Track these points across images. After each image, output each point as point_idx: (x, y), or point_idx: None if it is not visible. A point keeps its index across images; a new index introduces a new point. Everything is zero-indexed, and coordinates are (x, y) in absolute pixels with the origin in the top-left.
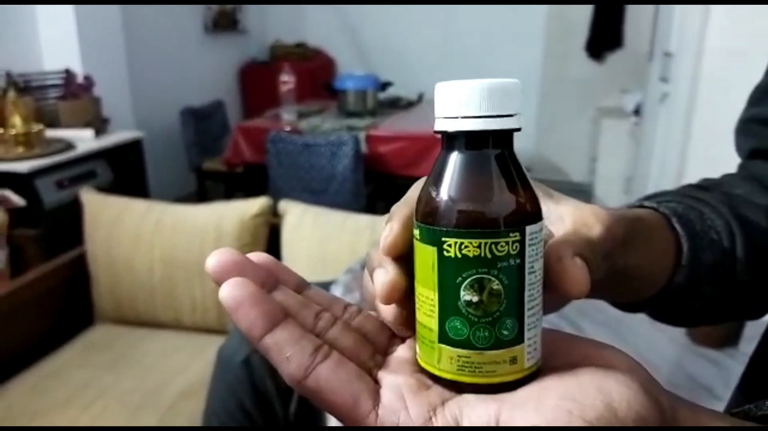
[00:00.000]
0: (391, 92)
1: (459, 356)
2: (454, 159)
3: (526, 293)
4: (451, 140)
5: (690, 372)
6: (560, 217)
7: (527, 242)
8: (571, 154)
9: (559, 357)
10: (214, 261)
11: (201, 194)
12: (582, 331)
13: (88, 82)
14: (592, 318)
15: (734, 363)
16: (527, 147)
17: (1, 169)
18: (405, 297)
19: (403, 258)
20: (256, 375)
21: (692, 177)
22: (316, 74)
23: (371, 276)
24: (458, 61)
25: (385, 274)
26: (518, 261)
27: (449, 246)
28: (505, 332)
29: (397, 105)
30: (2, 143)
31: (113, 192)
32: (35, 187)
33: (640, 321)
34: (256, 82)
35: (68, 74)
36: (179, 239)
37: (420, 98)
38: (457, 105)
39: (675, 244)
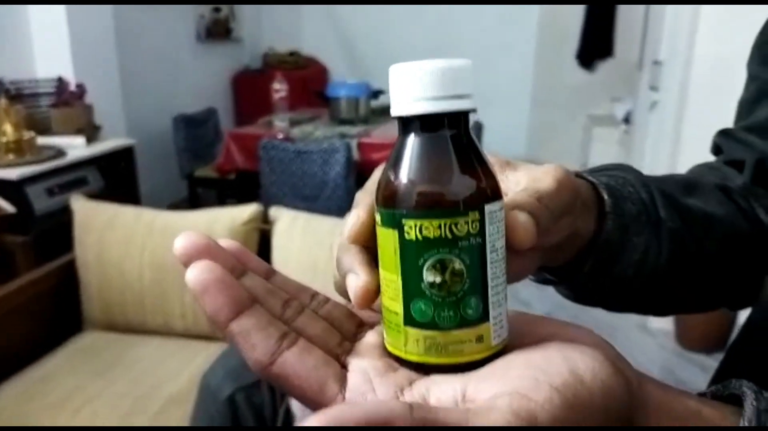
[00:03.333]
0: (383, 100)
1: (425, 337)
2: (411, 142)
3: (489, 271)
4: (407, 124)
5: (680, 376)
6: (517, 182)
7: (487, 221)
8: (562, 160)
9: (527, 336)
10: (181, 242)
11: (193, 201)
12: None
13: (80, 90)
14: (584, 323)
15: None
16: (519, 153)
17: None
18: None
19: (372, 252)
20: (240, 414)
21: None
22: (309, 82)
23: (343, 280)
24: None
25: (357, 279)
26: (479, 240)
27: (410, 228)
28: (470, 311)
29: (389, 112)
30: None
31: (104, 199)
32: (26, 193)
33: (632, 327)
34: (249, 89)
35: (60, 82)
36: (169, 245)
37: None
38: (411, 87)
39: (596, 197)
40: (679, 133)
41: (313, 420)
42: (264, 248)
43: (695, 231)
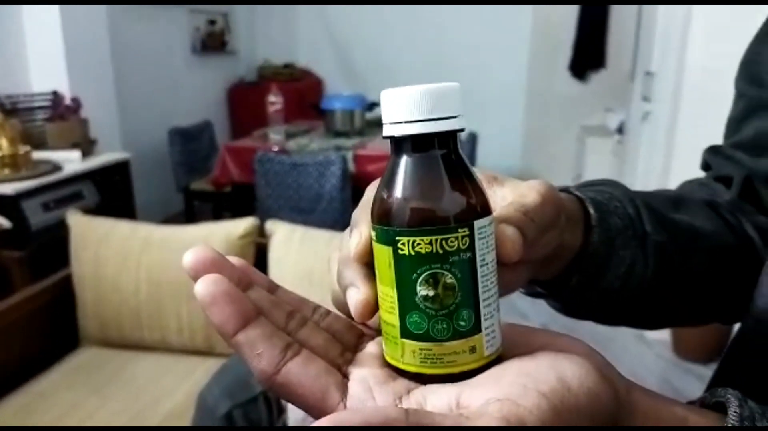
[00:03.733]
0: (378, 112)
1: (421, 349)
2: (403, 162)
3: (480, 285)
4: (399, 144)
5: (677, 386)
6: (503, 197)
7: (477, 236)
8: (556, 170)
9: (521, 346)
10: (191, 257)
11: (188, 214)
12: None
13: (76, 104)
14: (581, 336)
15: None
16: (513, 163)
17: None
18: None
19: (371, 267)
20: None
21: None
22: (304, 94)
23: (344, 294)
24: (446, 80)
25: (357, 293)
26: (469, 254)
27: (403, 244)
28: (462, 323)
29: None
30: None
31: (100, 213)
32: (21, 208)
33: (629, 337)
34: (244, 102)
35: (56, 96)
36: (166, 260)
37: None
38: (402, 110)
39: (582, 211)
40: (671, 143)
41: (316, 425)
42: (261, 261)
43: (682, 245)
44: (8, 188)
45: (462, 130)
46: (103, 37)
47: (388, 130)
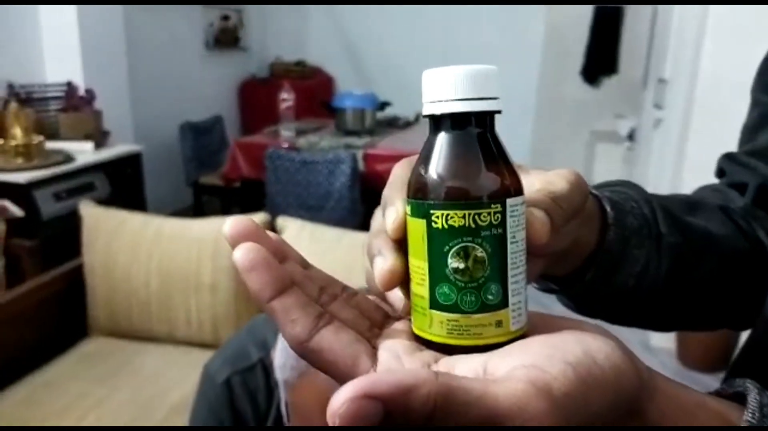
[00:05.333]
0: (389, 112)
1: (448, 320)
2: (441, 139)
3: (509, 261)
4: (438, 122)
5: None
6: (531, 184)
7: (508, 213)
8: None
9: (546, 329)
10: (230, 224)
11: (197, 208)
12: None
13: (90, 95)
14: None
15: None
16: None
17: (0, 179)
18: (407, 284)
19: (403, 244)
20: (236, 397)
21: None
22: (315, 92)
23: (371, 263)
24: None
25: (384, 261)
26: (500, 230)
27: (437, 218)
28: (490, 297)
29: (394, 124)
30: (2, 154)
31: (110, 204)
32: (33, 198)
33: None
34: (255, 98)
35: (69, 87)
36: (176, 252)
37: (417, 118)
38: (442, 89)
39: (599, 210)
40: (683, 151)
41: (349, 387)
42: None
43: (696, 248)
44: (21, 177)
45: (499, 111)
46: (118, 30)
47: (428, 109)
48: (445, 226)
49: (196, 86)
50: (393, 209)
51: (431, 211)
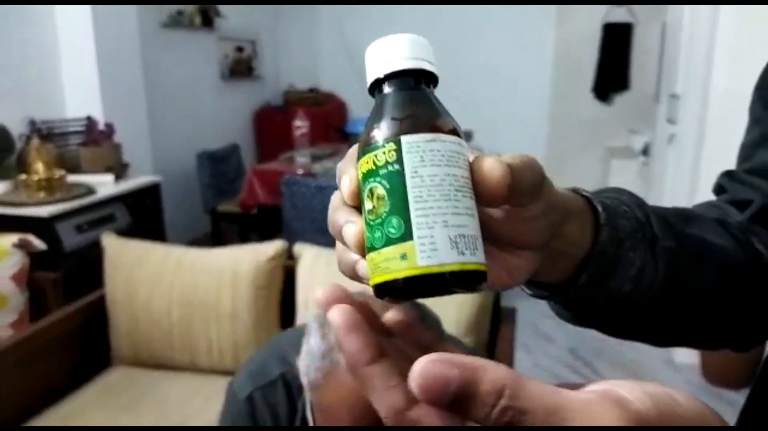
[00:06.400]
0: None
1: (371, 260)
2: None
3: (412, 194)
4: (371, 92)
5: None
6: None
7: (405, 149)
8: None
9: None
10: (326, 290)
11: (215, 235)
12: (598, 373)
13: (109, 129)
14: (609, 360)
15: None
16: None
17: (23, 213)
18: None
19: (359, 210)
20: (257, 412)
21: None
22: (329, 118)
23: (341, 235)
24: (467, 103)
25: (353, 226)
26: (397, 167)
27: (358, 169)
28: (392, 230)
29: None
30: (25, 188)
31: (131, 234)
32: (56, 230)
33: (658, 362)
34: (270, 125)
35: (89, 121)
36: (196, 282)
37: None
38: (369, 69)
39: (591, 211)
40: (697, 166)
41: (432, 356)
42: (289, 284)
43: (692, 255)
44: (43, 211)
45: (407, 72)
46: (136, 65)
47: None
48: (361, 175)
49: (212, 116)
50: (347, 176)
51: (357, 164)
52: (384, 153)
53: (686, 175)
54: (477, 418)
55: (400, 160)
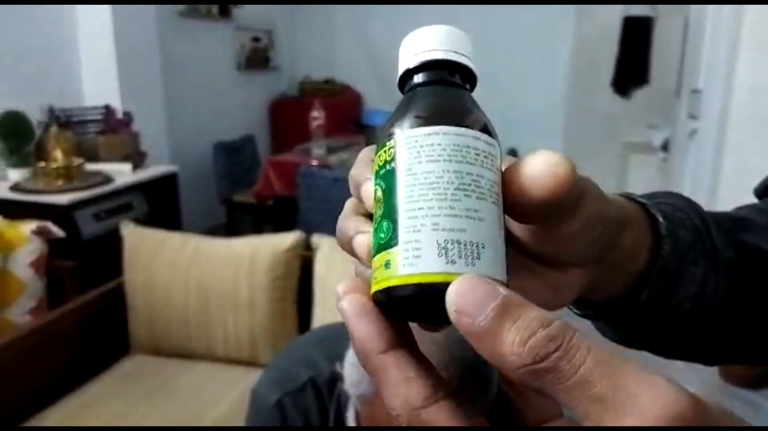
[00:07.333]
0: None
1: (372, 269)
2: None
3: (404, 194)
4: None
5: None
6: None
7: (401, 146)
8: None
9: None
10: (345, 283)
11: (230, 226)
12: None
13: (127, 118)
14: (629, 357)
15: None
16: None
17: (42, 200)
18: None
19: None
20: (289, 418)
21: None
22: (344, 109)
23: (350, 245)
24: (484, 96)
25: (365, 236)
26: (393, 165)
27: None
28: (382, 235)
29: None
30: (44, 176)
31: (147, 223)
32: (74, 218)
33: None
34: (286, 116)
35: (108, 110)
36: (214, 271)
37: None
38: (407, 55)
39: (648, 220)
40: (719, 162)
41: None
42: (306, 275)
43: (752, 267)
44: (62, 198)
45: (426, 66)
46: (154, 55)
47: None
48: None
49: (228, 106)
50: (370, 183)
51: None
52: (384, 151)
53: (707, 171)
54: (510, 352)
55: (394, 157)
